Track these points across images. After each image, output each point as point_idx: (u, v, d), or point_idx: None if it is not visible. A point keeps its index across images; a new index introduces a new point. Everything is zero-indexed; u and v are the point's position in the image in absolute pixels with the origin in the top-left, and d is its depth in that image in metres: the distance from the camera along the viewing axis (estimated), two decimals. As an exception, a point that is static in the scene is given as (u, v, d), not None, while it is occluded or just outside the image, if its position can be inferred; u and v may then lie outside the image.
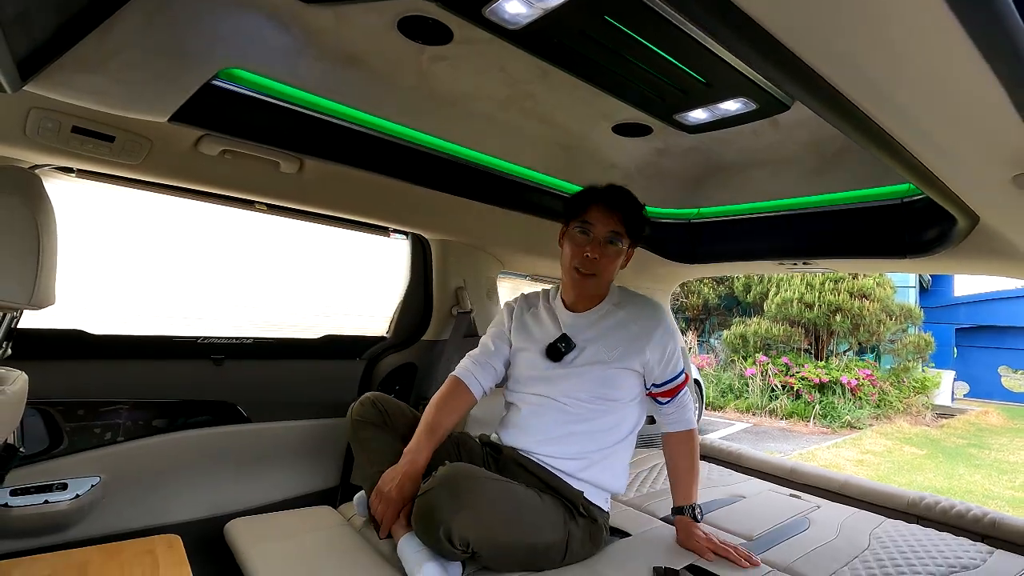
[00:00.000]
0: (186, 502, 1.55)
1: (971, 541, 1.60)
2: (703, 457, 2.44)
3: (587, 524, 1.38)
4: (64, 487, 1.38)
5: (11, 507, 1.31)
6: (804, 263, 1.96)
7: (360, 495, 1.50)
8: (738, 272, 2.41)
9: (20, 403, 1.00)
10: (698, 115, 1.58)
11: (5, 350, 1.04)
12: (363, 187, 1.64)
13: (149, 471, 1.51)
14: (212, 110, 1.21)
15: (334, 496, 1.84)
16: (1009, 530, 1.63)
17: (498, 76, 1.42)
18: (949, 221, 1.38)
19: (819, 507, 1.84)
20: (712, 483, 2.07)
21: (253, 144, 1.32)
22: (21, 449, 1.04)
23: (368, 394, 1.53)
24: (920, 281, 13.20)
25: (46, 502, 1.35)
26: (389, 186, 1.64)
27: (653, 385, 1.52)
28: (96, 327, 1.47)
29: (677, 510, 1.50)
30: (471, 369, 1.55)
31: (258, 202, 1.62)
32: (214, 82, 1.18)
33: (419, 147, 1.58)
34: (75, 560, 1.23)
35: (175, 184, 1.44)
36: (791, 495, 1.96)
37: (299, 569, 1.23)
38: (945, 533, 1.65)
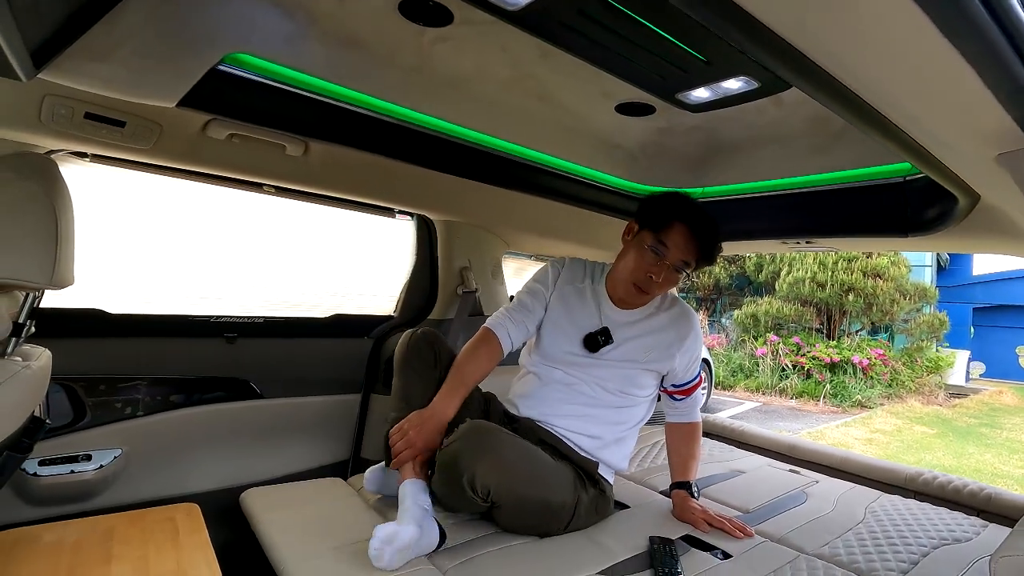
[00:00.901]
0: (203, 473, 1.62)
1: (966, 515, 1.63)
2: (705, 434, 2.48)
3: (596, 494, 1.45)
4: (88, 458, 1.46)
5: (40, 476, 1.38)
6: (807, 242, 1.96)
7: (371, 471, 1.52)
8: (742, 251, 2.42)
9: (45, 377, 1.06)
10: (700, 94, 1.57)
11: (29, 328, 1.10)
12: (368, 169, 1.66)
13: (168, 443, 1.58)
14: (218, 95, 1.24)
15: (345, 469, 1.90)
16: (1004, 505, 1.65)
17: (499, 57, 1.43)
18: (950, 200, 1.38)
19: (817, 482, 1.87)
20: (713, 459, 2.11)
21: (259, 128, 1.36)
22: (47, 421, 1.10)
23: (424, 330, 1.51)
24: (938, 260, 12.99)
25: (72, 472, 1.42)
26: (393, 168, 1.66)
27: (672, 385, 1.60)
28: (114, 307, 1.53)
29: (675, 485, 1.57)
30: (505, 324, 1.51)
31: (266, 184, 1.66)
32: (220, 67, 1.20)
33: (423, 129, 1.60)
34: (101, 526, 1.31)
35: (185, 168, 1.48)
36: (790, 470, 1.99)
37: (310, 535, 1.29)
38: (941, 508, 1.68)
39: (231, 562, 1.18)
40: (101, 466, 1.46)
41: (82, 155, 1.40)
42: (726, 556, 1.31)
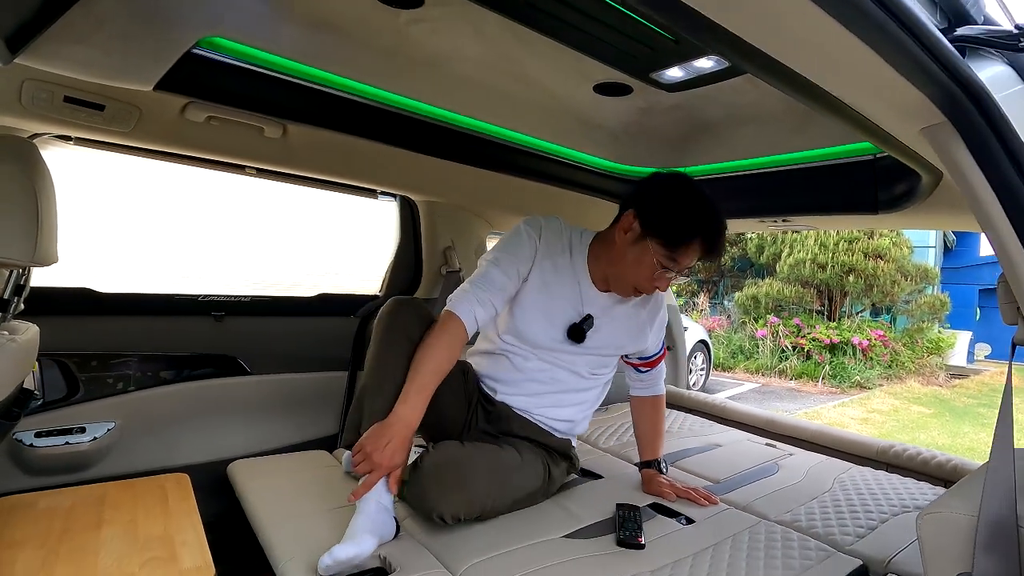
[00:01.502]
0: (194, 446, 1.69)
1: (932, 485, 1.67)
2: (687, 410, 2.53)
3: (567, 465, 1.51)
4: (83, 430, 1.52)
5: (36, 447, 1.45)
6: (784, 220, 1.98)
7: (349, 455, 1.45)
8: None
9: (32, 351, 1.11)
10: (674, 73, 1.59)
11: (16, 305, 1.15)
12: (348, 151, 1.70)
13: (159, 417, 1.64)
14: (194, 78, 1.27)
15: (331, 444, 1.97)
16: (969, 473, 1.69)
17: (474, 38, 1.45)
18: (915, 177, 1.41)
19: (792, 454, 1.92)
20: (693, 433, 2.16)
21: (236, 110, 1.39)
22: (36, 393, 1.16)
23: (411, 300, 1.39)
24: (944, 241, 12.88)
25: (67, 443, 1.49)
26: (374, 149, 1.69)
27: (639, 358, 1.60)
28: (103, 286, 1.59)
29: (644, 464, 1.60)
30: (472, 307, 1.31)
31: (247, 166, 1.70)
32: (195, 51, 1.24)
33: (402, 111, 1.63)
34: (94, 493, 1.38)
35: (166, 150, 1.52)
36: (767, 444, 2.04)
37: (292, 502, 1.35)
38: (909, 478, 1.73)
39: (219, 530, 1.24)
40: (95, 438, 1.53)
41: (66, 138, 1.44)
42: (689, 521, 1.37)
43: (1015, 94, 0.67)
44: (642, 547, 1.20)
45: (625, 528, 1.26)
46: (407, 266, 2.20)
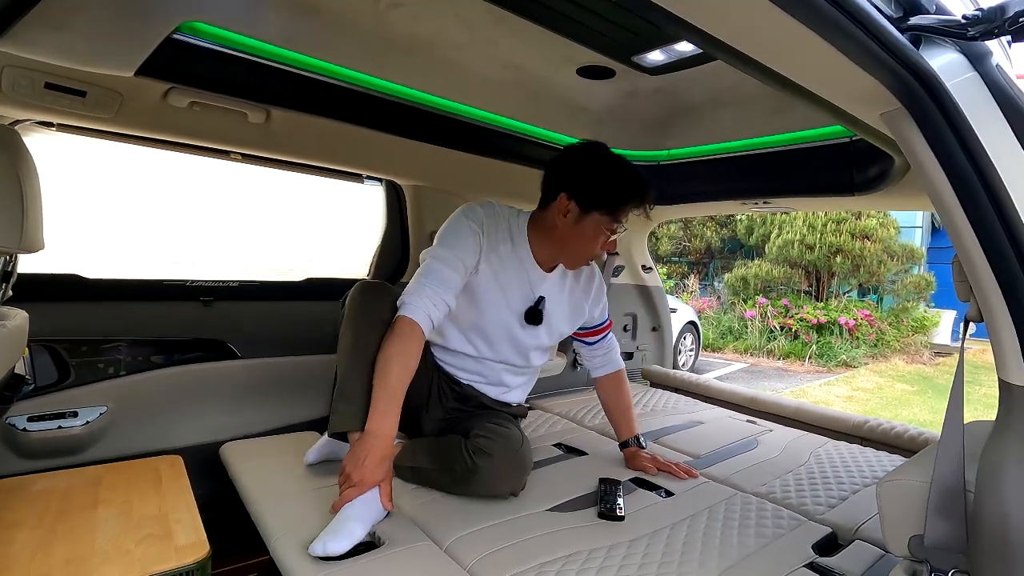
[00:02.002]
0: (186, 429, 1.71)
1: (903, 457, 1.74)
2: (672, 389, 2.59)
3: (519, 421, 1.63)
4: (75, 415, 1.54)
5: (29, 431, 1.47)
6: (764, 202, 2.02)
7: (312, 450, 1.49)
8: (704, 213, 2.48)
9: (21, 336, 1.13)
10: (655, 56, 1.61)
11: (5, 292, 1.17)
12: (332, 135, 1.70)
13: (152, 401, 1.66)
14: (175, 63, 1.27)
15: (320, 426, 1.99)
16: (939, 447, 1.76)
17: (454, 22, 1.45)
18: (888, 159, 1.44)
19: (771, 430, 1.98)
20: (677, 411, 2.22)
21: (218, 96, 1.39)
22: (27, 377, 1.18)
23: (378, 285, 1.37)
24: (932, 221, 13.00)
25: (60, 428, 1.51)
26: (358, 134, 1.70)
27: (587, 328, 1.67)
28: (91, 272, 1.60)
29: (623, 444, 1.64)
30: (427, 309, 1.29)
31: (231, 152, 1.70)
32: (176, 36, 1.24)
33: (385, 95, 1.63)
34: (89, 476, 1.41)
35: (149, 136, 1.52)
36: (747, 420, 2.10)
37: (284, 483, 1.39)
38: (882, 451, 1.79)
39: (212, 510, 1.27)
40: (87, 422, 1.55)
41: (48, 125, 1.44)
42: (669, 494, 1.42)
43: (966, 81, 0.70)
44: (622, 519, 1.25)
45: (606, 501, 1.31)
46: (394, 251, 2.22)
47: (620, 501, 1.31)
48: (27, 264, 1.30)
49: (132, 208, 1.70)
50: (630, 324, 2.95)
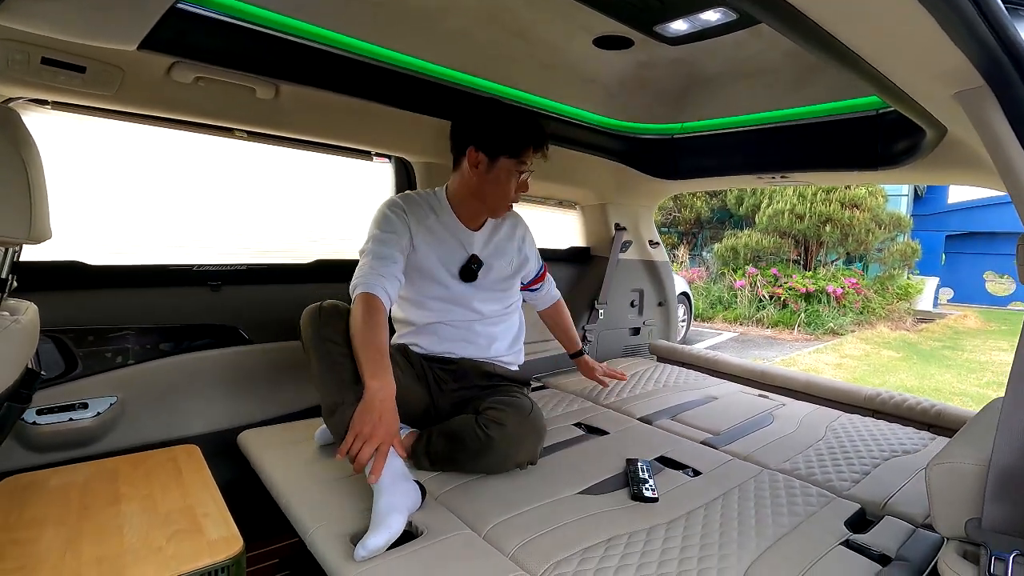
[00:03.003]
0: (199, 417, 1.68)
1: (916, 430, 1.76)
2: (683, 365, 2.60)
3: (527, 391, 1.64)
4: (85, 406, 1.49)
5: (39, 424, 1.43)
6: (783, 176, 1.99)
7: (320, 430, 1.52)
8: (718, 187, 2.45)
9: (35, 330, 1.08)
10: (678, 26, 1.55)
11: (11, 283, 1.10)
12: (342, 111, 1.63)
13: (162, 390, 1.62)
14: (181, 36, 1.19)
15: (337, 409, 1.98)
16: (951, 419, 1.79)
17: (471, -11, 1.38)
18: (919, 133, 1.41)
19: (784, 405, 2.00)
20: (688, 387, 2.23)
21: (226, 70, 1.31)
22: (42, 373, 1.13)
23: (330, 303, 1.36)
24: (915, 189, 13.15)
25: (71, 420, 1.47)
26: (369, 109, 1.63)
27: (528, 279, 1.78)
28: (94, 259, 1.53)
29: (575, 354, 1.89)
30: (382, 284, 1.34)
31: (237, 129, 1.62)
32: (180, 6, 1.16)
33: (397, 68, 1.56)
34: (106, 468, 1.37)
35: (151, 113, 1.44)
36: (759, 395, 2.12)
37: (310, 471, 1.37)
38: (895, 424, 1.82)
39: (232, 498, 1.25)
40: (98, 413, 1.50)
41: (43, 103, 1.35)
42: (696, 473, 1.42)
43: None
44: (655, 500, 1.25)
45: (637, 483, 1.31)
46: (403, 230, 2.16)
47: (651, 482, 1.31)
48: (25, 252, 1.23)
49: (130, 190, 1.62)
50: (637, 300, 2.94)
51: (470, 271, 1.55)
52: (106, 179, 1.61)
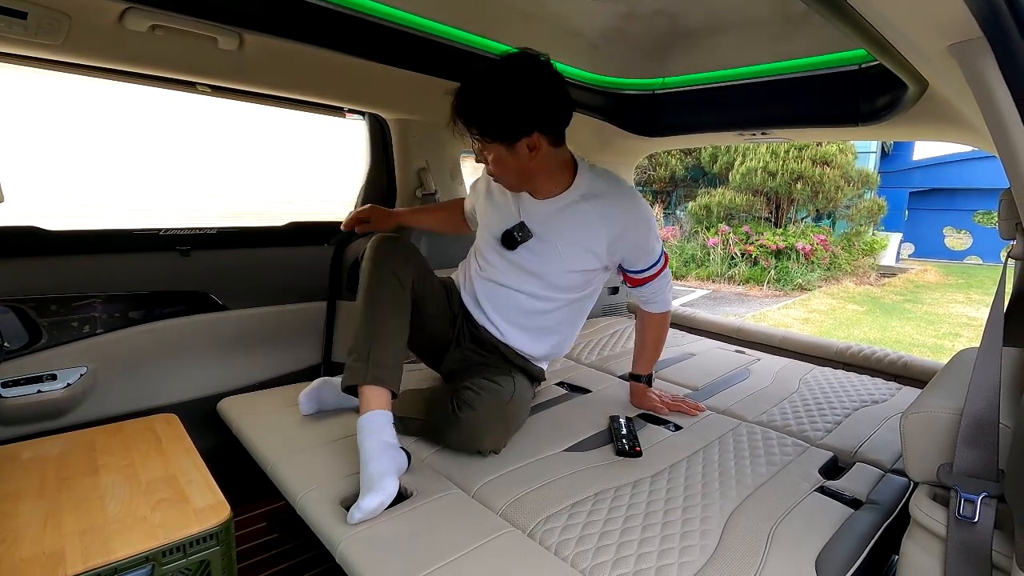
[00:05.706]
0: (176, 385, 1.64)
1: (884, 380, 1.84)
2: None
3: (535, 386, 1.61)
4: (54, 377, 1.44)
5: (6, 397, 1.37)
6: (763, 133, 1.98)
7: (303, 394, 1.48)
8: (699, 144, 2.42)
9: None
10: (662, -27, 1.50)
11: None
12: (312, 64, 1.54)
13: (136, 359, 1.57)
14: (133, -23, 1.09)
15: (315, 375, 1.95)
16: (917, 370, 1.88)
17: (449, -69, 1.30)
18: (901, 88, 1.41)
19: (759, 359, 2.06)
20: (668, 344, 2.26)
21: (184, 17, 1.21)
22: (6, 344, 1.07)
23: (402, 240, 1.37)
24: (882, 146, 13.37)
25: (39, 392, 1.41)
26: (340, 62, 1.54)
27: (627, 271, 1.51)
28: (52, 224, 1.44)
29: (634, 376, 1.63)
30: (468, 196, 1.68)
31: (199, 83, 1.52)
32: (129, -57, 1.06)
33: (371, 18, 1.47)
34: (81, 440, 1.33)
35: (104, 65, 1.34)
36: (736, 351, 2.17)
37: (294, 436, 1.36)
38: (864, 375, 1.89)
39: (214, 466, 1.23)
40: (68, 384, 1.46)
41: (-19, 53, 1.24)
42: (677, 428, 1.46)
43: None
44: (639, 455, 1.29)
45: (621, 438, 1.33)
46: (380, 191, 2.09)
47: (635, 437, 1.34)
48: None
49: (83, 150, 1.52)
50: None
51: (511, 237, 1.42)
52: (59, 139, 1.50)
